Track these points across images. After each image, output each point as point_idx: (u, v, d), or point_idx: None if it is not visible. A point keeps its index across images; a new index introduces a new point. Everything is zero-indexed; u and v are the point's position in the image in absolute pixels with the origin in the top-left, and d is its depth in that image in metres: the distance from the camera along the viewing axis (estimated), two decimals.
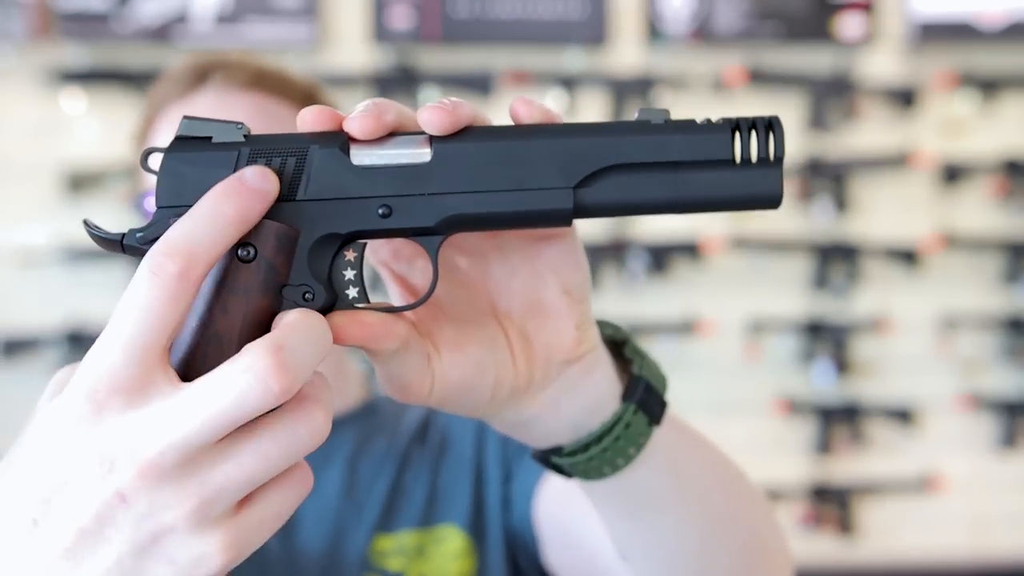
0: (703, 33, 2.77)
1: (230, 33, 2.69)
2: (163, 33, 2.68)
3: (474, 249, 0.57)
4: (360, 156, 0.50)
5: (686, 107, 2.78)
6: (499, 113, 0.54)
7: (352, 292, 0.51)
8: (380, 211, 0.50)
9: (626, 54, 2.80)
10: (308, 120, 0.51)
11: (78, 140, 2.71)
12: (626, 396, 0.59)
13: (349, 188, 0.50)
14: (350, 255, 0.51)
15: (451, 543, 0.97)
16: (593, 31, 2.75)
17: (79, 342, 2.66)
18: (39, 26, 2.66)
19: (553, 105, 2.73)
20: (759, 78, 2.77)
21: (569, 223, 0.52)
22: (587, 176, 0.51)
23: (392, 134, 0.51)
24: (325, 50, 2.76)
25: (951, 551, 2.85)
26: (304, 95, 1.03)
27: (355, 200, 0.50)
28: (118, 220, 2.60)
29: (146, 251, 0.49)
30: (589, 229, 2.76)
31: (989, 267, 2.86)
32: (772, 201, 0.52)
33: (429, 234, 0.51)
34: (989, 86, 2.82)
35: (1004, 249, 2.84)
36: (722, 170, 0.52)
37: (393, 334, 0.51)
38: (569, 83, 2.75)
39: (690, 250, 2.77)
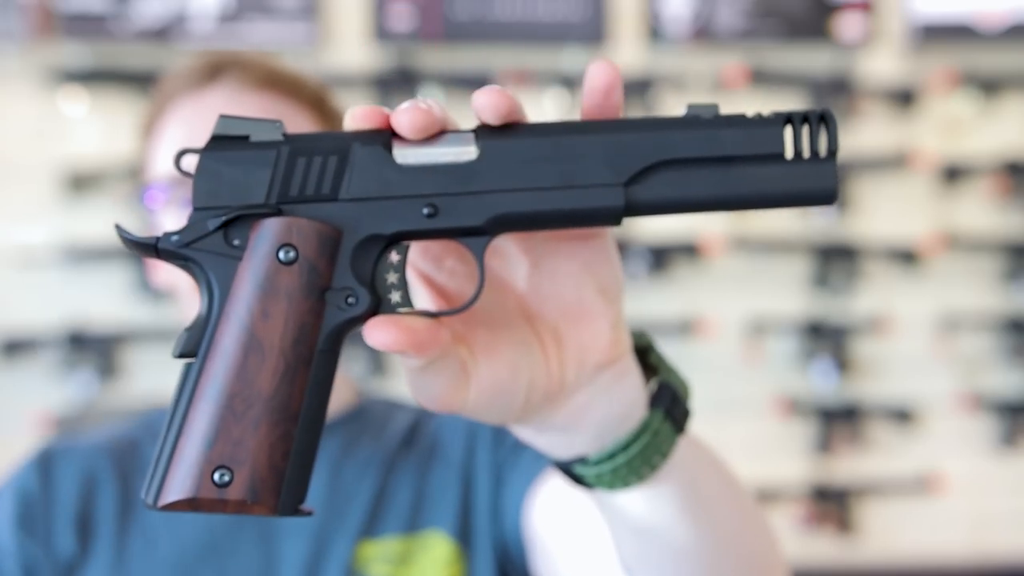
0: (703, 33, 2.77)
1: (230, 33, 2.69)
2: (163, 33, 2.68)
3: (507, 250, 0.55)
4: (404, 155, 0.49)
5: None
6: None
7: (395, 296, 0.50)
8: (426, 211, 0.48)
9: (626, 54, 2.80)
10: (358, 117, 0.49)
11: (78, 140, 2.71)
12: (654, 402, 0.58)
13: (393, 187, 0.48)
14: (394, 258, 0.50)
15: (437, 550, 0.96)
16: (593, 31, 2.75)
17: (79, 342, 2.66)
18: (39, 26, 2.66)
19: (553, 105, 2.74)
20: (759, 78, 2.77)
21: (619, 222, 0.51)
22: (638, 172, 0.50)
23: (437, 134, 0.50)
24: (325, 50, 2.75)
25: (951, 551, 2.85)
26: (315, 98, 1.03)
27: (399, 199, 0.48)
28: (118, 220, 2.59)
29: (182, 254, 0.47)
30: None
31: (989, 267, 2.86)
32: (827, 197, 0.50)
33: (476, 234, 0.49)
34: (989, 86, 2.82)
35: (1004, 249, 2.83)
36: (774, 165, 0.50)
37: (438, 340, 0.49)
38: (569, 83, 2.75)
39: (690, 250, 2.76)
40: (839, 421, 2.82)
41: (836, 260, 2.82)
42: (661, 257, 2.77)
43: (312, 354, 0.47)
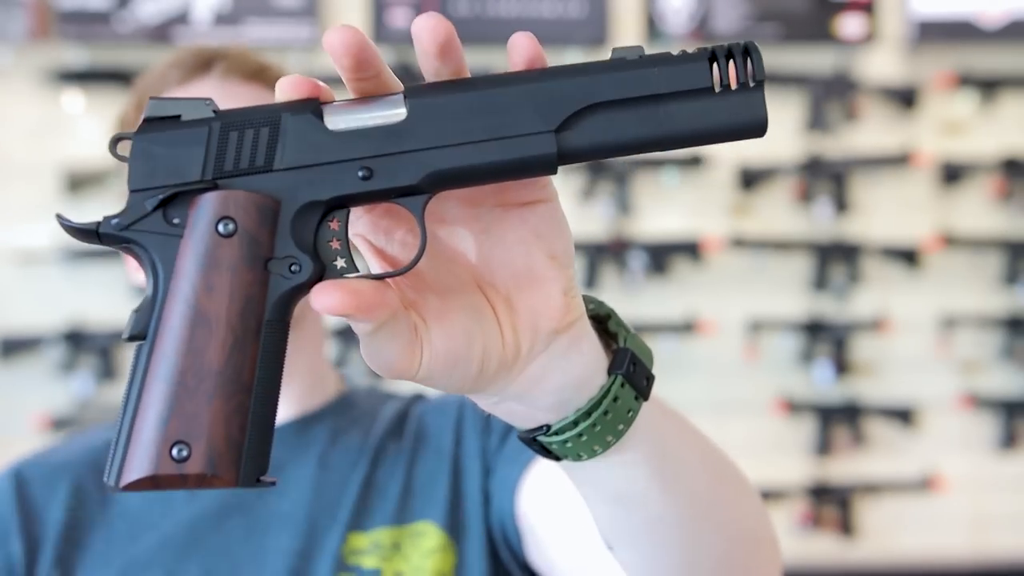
0: (703, 33, 2.77)
1: (230, 33, 2.69)
2: (163, 33, 2.68)
3: (455, 218, 0.55)
4: (335, 121, 0.49)
5: None
6: None
7: (340, 262, 0.50)
8: (361, 173, 0.49)
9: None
10: (286, 88, 0.50)
11: (78, 140, 2.71)
12: (612, 368, 0.58)
13: (326, 153, 0.49)
14: (334, 224, 0.50)
15: (428, 540, 0.95)
16: (593, 31, 2.75)
17: (79, 342, 2.66)
18: (38, 26, 2.66)
19: None
20: None
21: (554, 170, 0.51)
22: (567, 118, 0.50)
23: (366, 98, 0.50)
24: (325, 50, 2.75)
25: (951, 551, 2.85)
26: None
27: (333, 164, 0.49)
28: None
29: (123, 237, 0.48)
30: (589, 228, 2.76)
31: (989, 267, 2.86)
32: (757, 127, 0.51)
33: (413, 193, 0.50)
34: (989, 86, 2.82)
35: (1004, 249, 2.84)
36: (703, 99, 0.50)
37: (386, 303, 0.49)
38: None
39: (690, 250, 2.76)
40: (839, 421, 2.83)
41: (836, 260, 2.82)
42: (661, 257, 2.77)
43: (260, 325, 0.48)
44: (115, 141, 0.50)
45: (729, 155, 2.80)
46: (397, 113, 0.49)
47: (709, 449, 0.69)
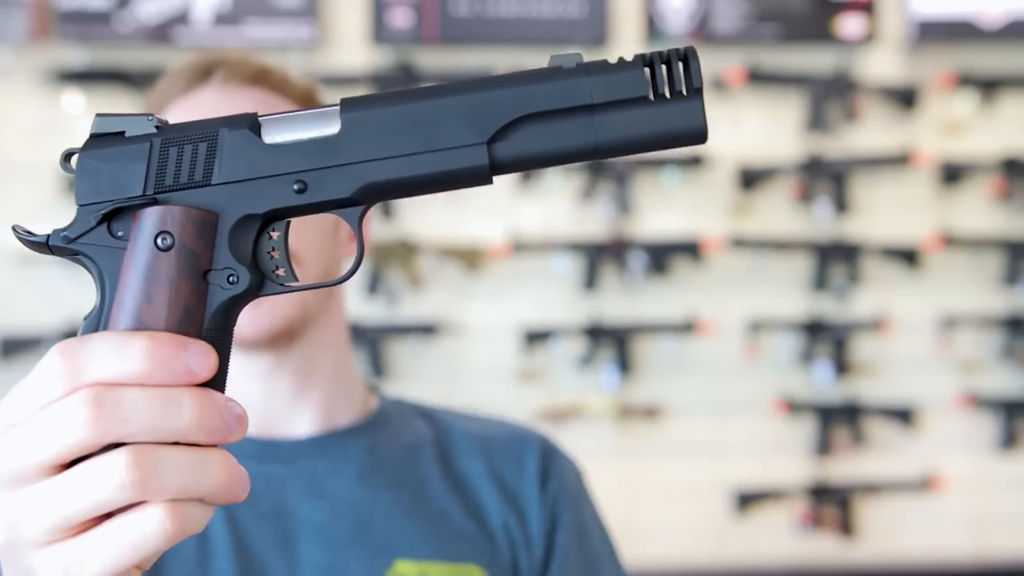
0: (703, 33, 2.77)
1: (230, 33, 2.69)
2: (163, 33, 2.68)
3: None
4: (271, 135, 0.50)
5: None
6: None
7: (279, 271, 0.52)
8: (295, 187, 0.50)
9: (626, 54, 2.80)
10: None
11: (78, 140, 2.70)
12: None
13: (262, 167, 0.50)
14: (275, 235, 0.51)
15: None
16: (593, 31, 2.75)
17: None
18: (38, 26, 2.66)
19: None
20: (759, 78, 2.77)
21: (490, 180, 0.51)
22: (500, 129, 0.50)
23: (303, 110, 0.52)
24: (325, 50, 2.76)
25: (951, 551, 2.85)
26: (303, 95, 1.03)
27: (268, 178, 0.50)
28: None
29: (71, 248, 0.51)
30: (589, 228, 2.76)
31: (989, 267, 2.86)
32: (696, 135, 0.50)
33: (348, 205, 0.51)
34: (989, 86, 2.82)
35: (1004, 249, 2.83)
36: (640, 108, 0.50)
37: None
38: None
39: (690, 250, 2.76)
40: (839, 421, 2.82)
41: (836, 260, 2.82)
42: (661, 257, 2.77)
43: (199, 334, 0.49)
44: (66, 156, 0.52)
45: (729, 155, 2.79)
46: (331, 126, 0.50)
47: None
